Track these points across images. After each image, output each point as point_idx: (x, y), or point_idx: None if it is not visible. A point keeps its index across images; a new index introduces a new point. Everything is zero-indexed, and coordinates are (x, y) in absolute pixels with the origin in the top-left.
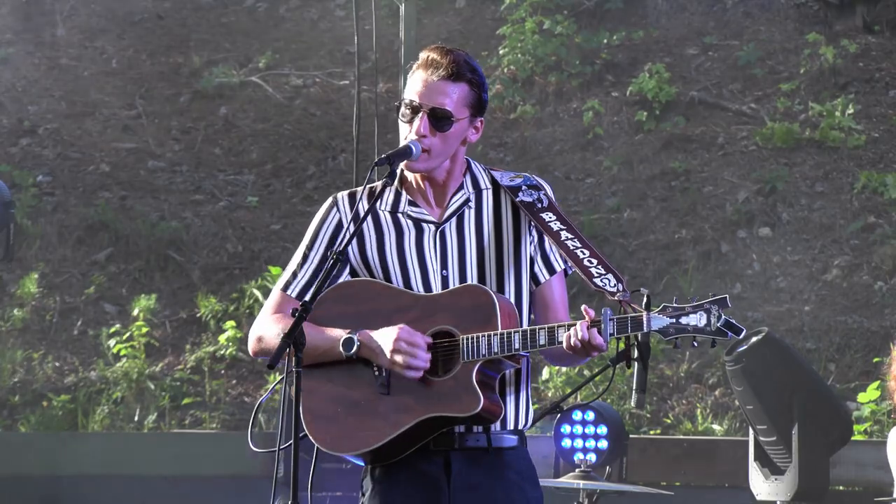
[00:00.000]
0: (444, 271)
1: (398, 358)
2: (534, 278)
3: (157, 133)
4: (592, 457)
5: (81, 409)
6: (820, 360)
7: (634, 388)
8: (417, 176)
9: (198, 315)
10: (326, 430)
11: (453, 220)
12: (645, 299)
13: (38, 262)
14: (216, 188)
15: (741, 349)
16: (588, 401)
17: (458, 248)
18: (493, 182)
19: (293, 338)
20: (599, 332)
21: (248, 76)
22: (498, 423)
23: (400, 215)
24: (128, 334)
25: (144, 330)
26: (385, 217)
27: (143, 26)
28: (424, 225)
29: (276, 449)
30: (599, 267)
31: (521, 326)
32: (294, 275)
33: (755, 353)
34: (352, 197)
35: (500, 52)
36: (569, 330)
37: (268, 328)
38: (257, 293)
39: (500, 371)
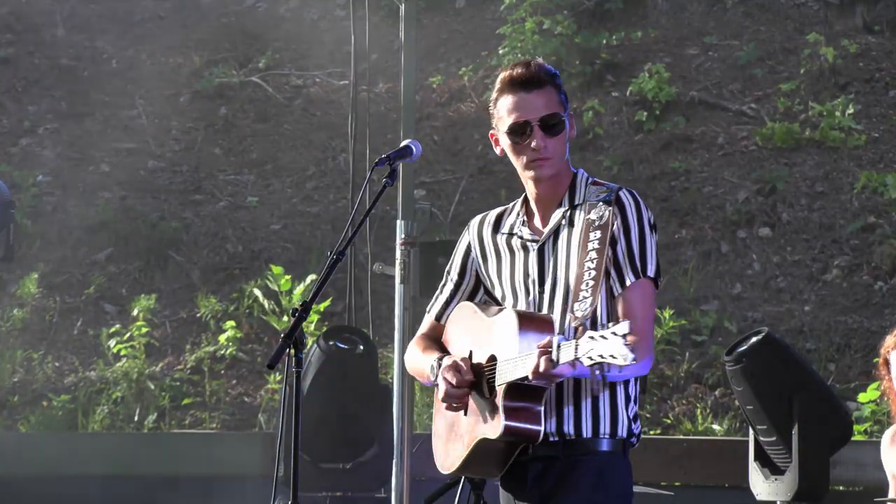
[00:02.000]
0: (541, 290)
1: (441, 381)
2: (609, 291)
3: (157, 133)
4: None
5: (81, 409)
6: (820, 360)
7: None
8: (532, 195)
9: (198, 315)
10: (436, 450)
11: (552, 238)
12: None
13: (38, 262)
14: (216, 188)
15: (741, 349)
16: None
17: (552, 265)
18: (586, 197)
19: (293, 338)
20: (551, 360)
21: (248, 76)
22: (573, 432)
23: (514, 236)
24: (128, 334)
25: (144, 330)
26: (502, 240)
27: (143, 26)
28: (529, 244)
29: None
30: (588, 290)
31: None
32: (436, 298)
33: (755, 353)
34: (482, 218)
35: (500, 52)
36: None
37: (412, 348)
38: (257, 293)
39: (535, 392)
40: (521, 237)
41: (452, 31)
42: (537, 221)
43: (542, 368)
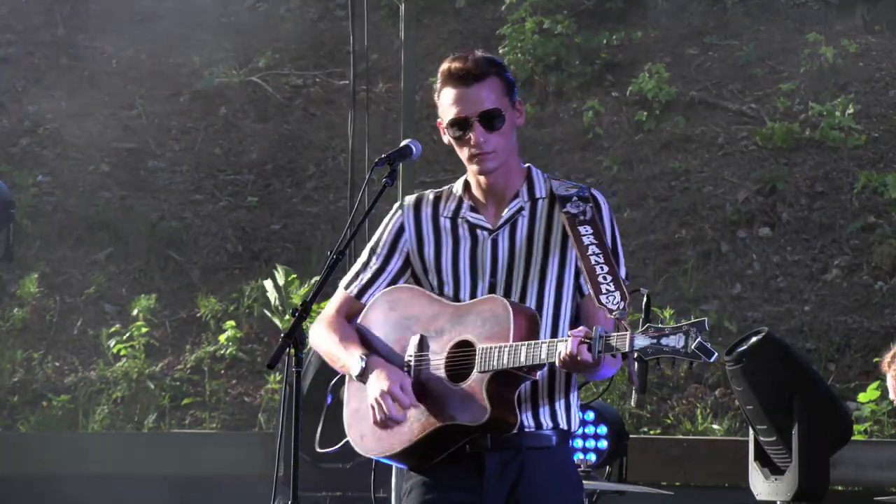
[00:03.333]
0: (493, 279)
1: (376, 404)
2: (579, 289)
3: (157, 133)
4: (592, 457)
5: (81, 409)
6: (820, 360)
7: (634, 387)
8: (477, 184)
9: (198, 315)
10: (359, 432)
11: (506, 228)
12: (645, 299)
13: (38, 262)
14: (216, 188)
15: (741, 349)
16: (588, 401)
17: (507, 256)
18: (550, 192)
19: (293, 338)
20: (590, 349)
21: (248, 76)
22: (533, 424)
23: (459, 220)
24: (128, 334)
25: (144, 330)
26: (445, 223)
27: (143, 26)
28: (479, 232)
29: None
30: (611, 284)
31: (547, 339)
32: (356, 275)
33: (755, 353)
34: (418, 200)
35: (500, 52)
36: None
37: (322, 327)
38: (261, 291)
39: (517, 382)
40: (469, 223)
41: (452, 31)
42: (486, 210)
43: (582, 357)
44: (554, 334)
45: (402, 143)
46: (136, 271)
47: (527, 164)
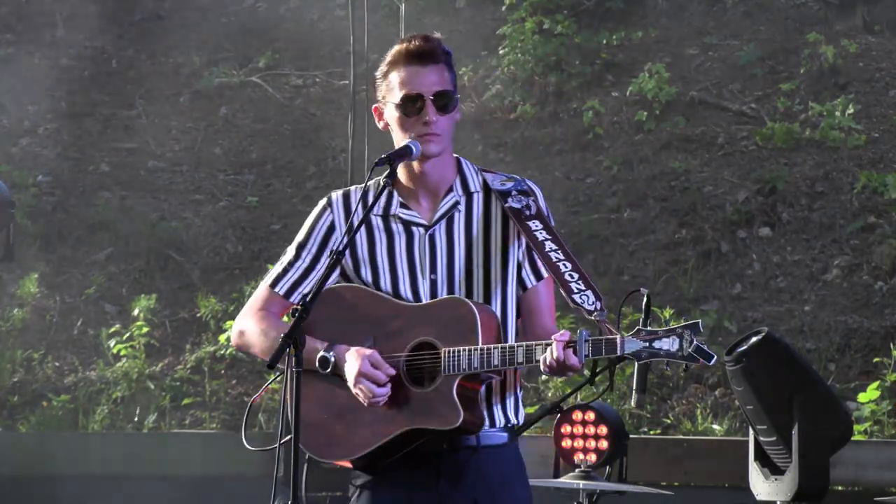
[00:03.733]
0: (433, 275)
1: (359, 391)
2: (521, 283)
3: (157, 133)
4: (592, 457)
5: (81, 409)
6: (820, 360)
7: (634, 388)
8: (410, 176)
9: (198, 315)
10: (315, 437)
11: (443, 223)
12: (645, 299)
13: (38, 262)
14: (216, 188)
15: (741, 349)
16: (588, 401)
17: (447, 251)
18: (485, 185)
19: (293, 337)
20: (575, 353)
21: (248, 76)
22: (487, 422)
23: (391, 218)
24: (128, 334)
25: (144, 330)
26: (376, 221)
27: (143, 26)
28: (414, 228)
29: (276, 446)
30: (580, 282)
31: (506, 335)
32: (284, 272)
33: (755, 353)
34: (346, 197)
35: (500, 52)
36: (546, 350)
37: (251, 324)
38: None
39: (482, 382)
40: (402, 219)
41: (452, 31)
42: (419, 205)
43: (570, 362)
44: (504, 330)
45: (402, 143)
46: (136, 271)
47: (455, 156)
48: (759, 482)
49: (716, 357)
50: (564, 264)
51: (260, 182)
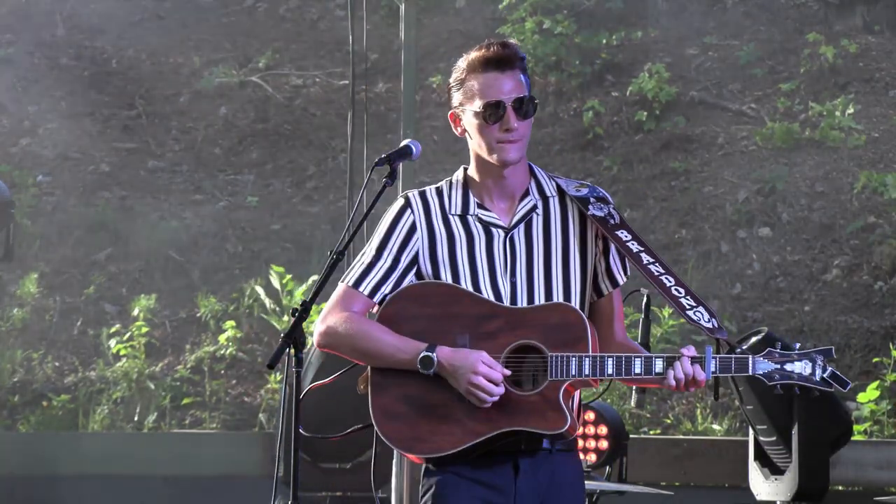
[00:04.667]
0: (513, 278)
1: (474, 391)
2: (597, 290)
3: (157, 133)
4: (592, 457)
5: (81, 409)
6: None
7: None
8: (488, 178)
9: (198, 315)
10: (399, 430)
11: (521, 226)
12: (645, 299)
13: (38, 262)
14: (216, 188)
15: (741, 349)
16: (588, 401)
17: (526, 255)
18: (559, 190)
19: (293, 338)
20: (703, 369)
21: (248, 76)
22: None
23: (470, 218)
24: (128, 334)
25: (144, 330)
26: (454, 220)
27: (143, 26)
28: (494, 230)
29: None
30: (689, 298)
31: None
32: (366, 272)
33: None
34: (423, 196)
35: None
36: (670, 364)
37: (339, 324)
38: (259, 291)
39: (577, 389)
40: (482, 221)
41: (452, 31)
42: (497, 207)
43: (698, 377)
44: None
45: (402, 143)
46: (136, 271)
47: (529, 163)
48: (759, 482)
49: (850, 384)
50: (667, 278)
51: (260, 182)
